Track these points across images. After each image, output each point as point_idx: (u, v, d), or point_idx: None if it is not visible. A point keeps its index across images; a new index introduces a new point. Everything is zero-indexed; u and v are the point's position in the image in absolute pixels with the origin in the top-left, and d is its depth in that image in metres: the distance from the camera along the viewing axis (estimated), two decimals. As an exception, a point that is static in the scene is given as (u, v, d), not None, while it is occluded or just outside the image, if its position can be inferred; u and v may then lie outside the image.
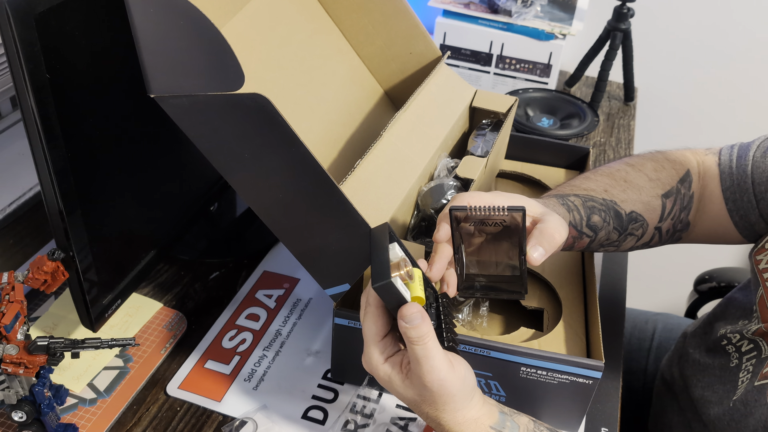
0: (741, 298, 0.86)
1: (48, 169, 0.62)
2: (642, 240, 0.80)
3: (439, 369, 0.58)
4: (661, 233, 0.81)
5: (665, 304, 1.63)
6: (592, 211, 0.76)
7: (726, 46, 1.49)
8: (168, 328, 0.85)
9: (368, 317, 0.60)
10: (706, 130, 1.61)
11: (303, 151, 0.63)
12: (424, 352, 0.57)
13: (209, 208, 0.96)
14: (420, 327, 0.57)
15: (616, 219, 0.77)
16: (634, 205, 0.78)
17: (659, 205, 0.79)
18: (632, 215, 0.78)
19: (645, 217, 0.78)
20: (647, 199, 0.79)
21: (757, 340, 0.77)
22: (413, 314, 0.57)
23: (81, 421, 0.74)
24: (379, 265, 0.57)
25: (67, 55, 0.61)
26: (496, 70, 1.41)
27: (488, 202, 0.63)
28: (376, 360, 0.61)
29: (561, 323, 0.79)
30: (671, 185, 0.80)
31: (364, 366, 0.62)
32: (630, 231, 0.78)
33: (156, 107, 0.64)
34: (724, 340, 0.82)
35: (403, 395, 0.61)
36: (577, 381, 0.70)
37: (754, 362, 0.76)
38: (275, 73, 0.84)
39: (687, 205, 0.81)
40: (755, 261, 0.78)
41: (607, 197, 0.77)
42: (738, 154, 0.81)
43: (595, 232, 0.76)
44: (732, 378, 0.79)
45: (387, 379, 0.61)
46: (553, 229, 0.65)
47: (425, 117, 0.85)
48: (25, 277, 0.67)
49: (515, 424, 0.63)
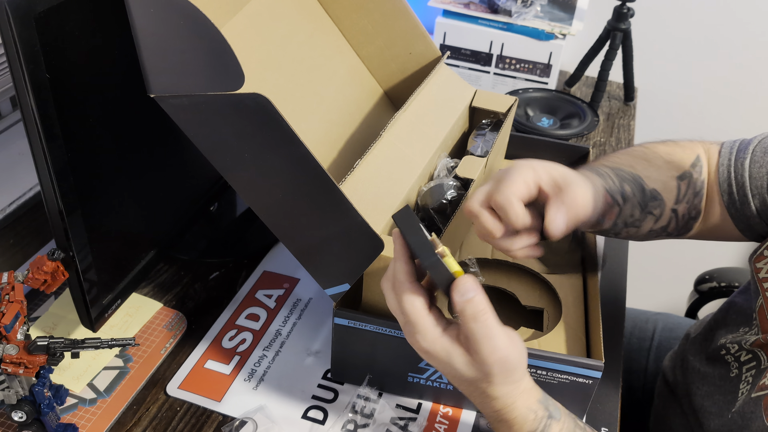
0: (741, 303, 0.85)
1: (48, 169, 0.62)
2: (660, 222, 0.79)
3: (502, 347, 0.55)
4: (678, 217, 0.79)
5: (665, 304, 1.63)
6: (623, 180, 0.74)
7: (726, 45, 1.49)
8: (168, 328, 0.85)
9: (406, 295, 0.56)
10: (706, 130, 1.61)
11: (303, 151, 0.63)
12: (486, 331, 0.54)
13: (209, 208, 0.96)
14: (477, 301, 0.54)
15: (641, 193, 0.76)
16: (655, 183, 0.77)
17: (675, 186, 0.78)
18: (653, 192, 0.76)
19: (663, 197, 0.77)
20: (665, 179, 0.78)
21: (756, 351, 0.76)
22: (467, 285, 0.54)
23: (81, 421, 0.74)
24: (422, 245, 0.56)
25: (67, 55, 0.61)
26: (496, 70, 1.41)
27: None
28: (430, 336, 0.56)
29: (561, 323, 0.79)
30: (684, 168, 0.80)
31: (414, 346, 0.58)
32: (650, 209, 0.76)
33: (156, 107, 0.64)
34: (723, 350, 0.81)
35: (460, 373, 0.57)
36: (577, 381, 0.70)
37: (754, 373, 0.76)
38: (275, 73, 0.84)
39: (699, 191, 0.80)
40: (755, 269, 0.78)
41: (633, 171, 0.76)
42: (738, 148, 0.81)
43: (625, 201, 0.74)
44: (732, 389, 0.78)
45: (445, 356, 0.57)
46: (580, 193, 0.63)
47: (425, 117, 0.84)
48: (25, 277, 0.67)
49: (554, 403, 0.62)
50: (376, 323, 0.71)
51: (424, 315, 0.57)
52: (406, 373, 0.76)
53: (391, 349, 0.73)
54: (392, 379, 0.77)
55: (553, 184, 0.64)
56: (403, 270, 0.58)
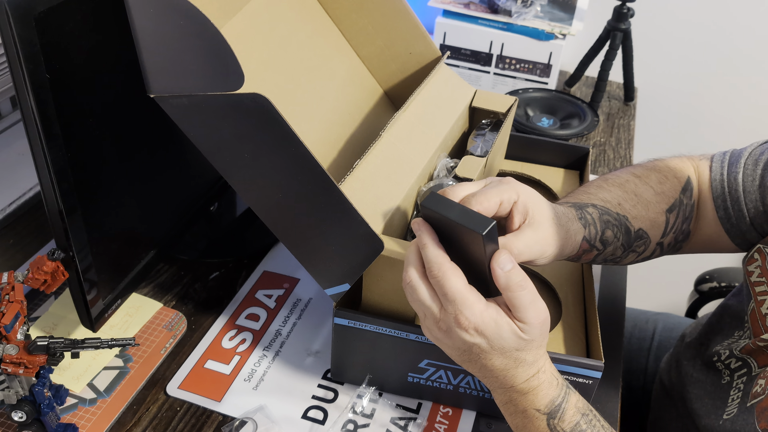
0: (734, 305, 0.85)
1: (48, 169, 0.62)
2: (643, 255, 0.79)
3: (543, 309, 0.58)
4: (663, 247, 0.80)
5: (666, 304, 1.63)
6: (606, 225, 0.74)
7: (726, 45, 1.49)
8: (168, 328, 0.85)
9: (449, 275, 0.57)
10: (706, 129, 1.61)
11: (303, 151, 0.63)
12: (531, 296, 0.57)
13: (209, 208, 0.96)
14: (514, 270, 0.56)
15: (625, 236, 0.76)
16: (642, 223, 0.77)
17: (663, 221, 0.78)
18: (639, 233, 0.77)
19: (649, 235, 0.77)
20: (653, 216, 0.78)
21: (745, 358, 0.76)
22: (505, 257, 0.56)
23: (81, 421, 0.74)
24: (470, 216, 0.56)
25: (67, 54, 0.61)
26: (496, 70, 1.41)
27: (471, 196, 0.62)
28: (479, 307, 0.57)
29: (561, 323, 0.79)
30: (675, 197, 0.79)
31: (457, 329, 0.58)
32: (634, 248, 0.77)
33: (156, 107, 0.64)
34: (715, 356, 0.81)
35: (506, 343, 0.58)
36: (577, 381, 0.70)
37: (745, 380, 0.76)
38: (275, 73, 0.84)
39: (689, 216, 0.80)
40: (747, 272, 0.78)
41: (620, 212, 0.76)
42: (729, 161, 0.81)
43: (605, 247, 0.75)
44: (722, 395, 0.78)
45: (494, 326, 0.58)
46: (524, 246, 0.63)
47: (425, 117, 0.84)
48: (25, 277, 0.67)
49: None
50: (376, 323, 0.71)
51: (469, 290, 0.58)
52: (406, 373, 0.76)
53: (391, 349, 0.73)
54: (392, 379, 0.77)
55: (523, 214, 0.65)
56: (439, 253, 0.58)
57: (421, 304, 0.60)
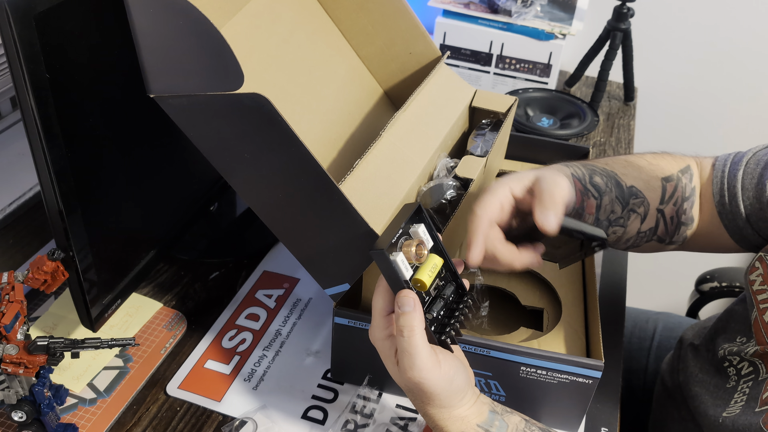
0: (740, 311, 0.85)
1: (48, 169, 0.62)
2: (647, 223, 0.79)
3: (420, 367, 0.57)
4: (665, 218, 0.80)
5: (666, 304, 1.63)
6: (593, 172, 0.76)
7: (726, 45, 1.49)
8: (168, 328, 0.85)
9: (379, 290, 0.61)
10: (706, 129, 1.61)
11: (303, 151, 0.63)
12: (408, 347, 0.57)
13: (209, 208, 0.96)
14: (409, 316, 0.57)
15: (617, 188, 0.77)
16: (634, 181, 0.78)
17: (659, 186, 0.79)
18: (632, 189, 0.78)
19: (645, 195, 0.78)
20: (647, 178, 0.79)
21: (755, 362, 0.76)
22: (406, 299, 0.57)
23: (81, 421, 0.74)
24: (386, 234, 0.58)
25: (67, 54, 0.61)
26: (496, 70, 1.41)
27: None
28: (376, 335, 0.61)
29: (561, 323, 0.79)
30: (671, 172, 0.81)
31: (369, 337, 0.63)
32: (632, 206, 0.77)
33: (156, 107, 0.64)
34: (726, 361, 0.81)
35: (394, 378, 0.62)
36: (577, 381, 0.70)
37: (751, 384, 0.76)
38: (275, 73, 0.84)
39: (689, 197, 0.81)
40: (749, 281, 0.78)
41: (607, 167, 0.78)
42: (733, 161, 0.81)
43: (599, 193, 0.75)
44: (725, 396, 0.78)
45: (383, 357, 0.62)
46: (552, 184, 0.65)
47: (425, 117, 0.84)
48: (25, 277, 0.67)
49: (504, 423, 0.62)
50: (376, 323, 0.71)
51: (377, 313, 0.61)
52: (406, 373, 0.76)
53: (391, 349, 0.73)
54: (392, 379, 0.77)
55: (529, 189, 0.67)
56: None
57: None
